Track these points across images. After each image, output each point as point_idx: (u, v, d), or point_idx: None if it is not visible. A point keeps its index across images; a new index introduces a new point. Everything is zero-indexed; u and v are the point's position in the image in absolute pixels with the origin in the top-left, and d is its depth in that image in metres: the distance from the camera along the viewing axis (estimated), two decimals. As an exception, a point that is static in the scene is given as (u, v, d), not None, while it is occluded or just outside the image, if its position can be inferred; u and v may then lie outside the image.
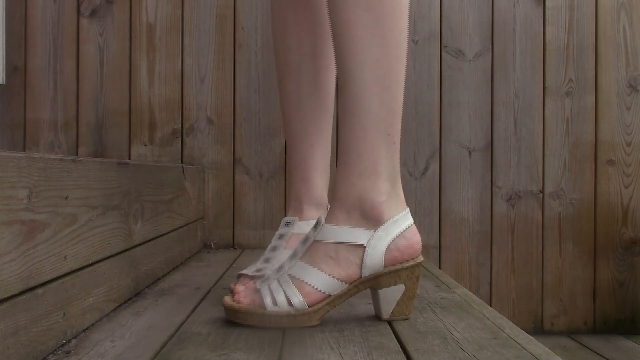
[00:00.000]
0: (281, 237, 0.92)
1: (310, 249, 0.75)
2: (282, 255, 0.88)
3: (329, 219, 0.76)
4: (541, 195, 1.56)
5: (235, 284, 0.88)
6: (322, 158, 0.96)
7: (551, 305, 1.56)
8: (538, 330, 1.55)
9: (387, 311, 0.77)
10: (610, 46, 1.57)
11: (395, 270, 0.75)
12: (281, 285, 0.74)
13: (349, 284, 0.74)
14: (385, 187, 0.76)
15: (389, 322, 0.76)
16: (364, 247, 0.74)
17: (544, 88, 1.57)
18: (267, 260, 0.89)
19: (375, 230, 0.75)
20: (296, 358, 0.62)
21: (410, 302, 0.77)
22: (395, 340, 0.68)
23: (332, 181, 0.86)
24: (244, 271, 0.89)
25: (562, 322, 1.56)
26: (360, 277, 0.74)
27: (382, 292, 0.76)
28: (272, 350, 0.65)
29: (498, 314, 0.81)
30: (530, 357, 0.62)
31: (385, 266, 0.75)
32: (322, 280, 0.73)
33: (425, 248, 1.56)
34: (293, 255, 0.76)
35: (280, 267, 0.76)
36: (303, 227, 0.91)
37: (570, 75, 1.57)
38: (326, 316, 0.78)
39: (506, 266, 1.56)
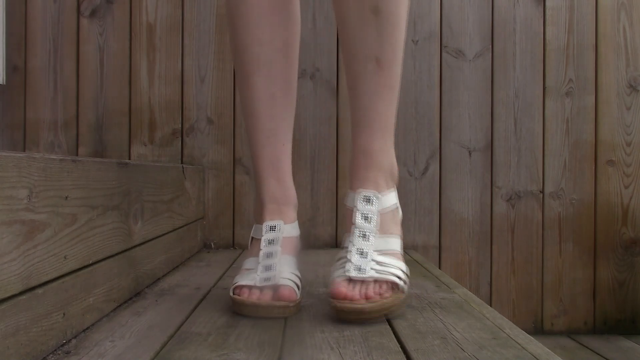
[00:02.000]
0: (272, 242, 0.85)
1: (380, 222, 0.80)
2: (283, 261, 0.83)
3: (379, 189, 0.82)
4: (541, 195, 1.56)
5: (235, 293, 0.82)
6: (289, 157, 0.94)
7: (551, 305, 1.56)
8: (538, 330, 1.55)
9: None
10: (610, 46, 1.57)
11: None
12: (386, 264, 0.77)
13: None
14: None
15: (389, 322, 0.76)
16: (397, 205, 0.85)
17: (544, 88, 1.57)
18: (268, 268, 0.82)
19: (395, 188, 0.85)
20: (296, 358, 0.62)
21: None
22: (395, 340, 0.68)
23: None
24: (244, 282, 0.82)
25: (562, 322, 1.56)
26: None
27: None
28: (272, 350, 0.65)
29: (498, 314, 0.81)
30: (530, 357, 0.62)
31: None
32: (398, 243, 0.82)
33: (425, 248, 1.56)
34: (363, 236, 0.79)
35: (361, 251, 0.78)
36: (290, 230, 0.88)
37: (570, 75, 1.57)
38: (326, 316, 0.78)
39: (506, 266, 1.56)
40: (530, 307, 1.56)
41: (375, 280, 0.76)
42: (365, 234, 0.79)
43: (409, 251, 1.50)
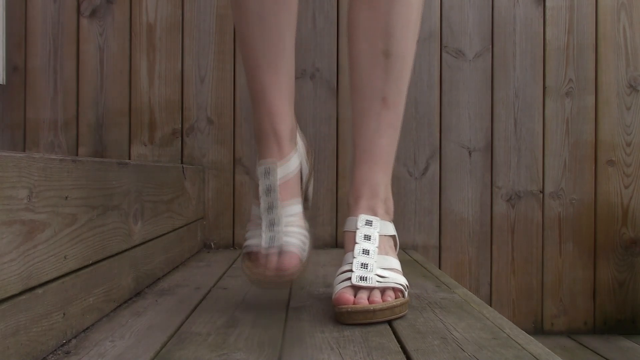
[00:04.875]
0: (269, 191, 0.81)
1: (379, 243, 0.82)
2: (285, 211, 0.81)
3: (379, 216, 0.85)
4: (541, 195, 1.56)
5: (247, 264, 0.81)
6: (287, 82, 0.87)
7: (551, 305, 1.56)
8: (538, 330, 1.55)
9: None
10: (610, 46, 1.57)
11: None
12: (386, 277, 0.79)
13: None
14: None
15: (389, 322, 0.76)
16: (395, 237, 0.87)
17: (544, 88, 1.57)
18: (272, 225, 0.80)
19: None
20: (296, 358, 0.62)
21: None
22: (395, 340, 0.68)
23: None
24: (253, 248, 0.81)
25: (562, 322, 1.56)
26: None
27: None
28: (272, 350, 0.65)
29: (498, 314, 0.81)
30: (530, 357, 0.62)
31: None
32: (399, 264, 0.84)
33: (425, 248, 1.56)
34: (366, 252, 0.81)
35: (365, 265, 0.80)
36: (285, 170, 0.83)
37: (570, 75, 1.57)
38: (326, 316, 0.78)
39: (506, 266, 1.56)
40: (530, 307, 1.56)
41: (379, 289, 0.78)
42: (367, 251, 0.81)
43: (409, 251, 1.50)
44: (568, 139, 1.57)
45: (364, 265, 0.79)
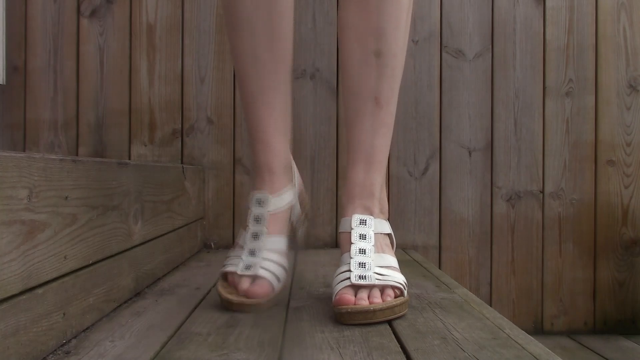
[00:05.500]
0: (258, 220, 0.85)
1: (375, 241, 0.82)
2: (268, 244, 0.84)
3: (373, 213, 0.85)
4: (541, 195, 1.56)
5: (222, 284, 0.84)
6: (282, 118, 0.90)
7: (551, 305, 1.56)
8: (538, 330, 1.55)
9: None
10: (610, 46, 1.57)
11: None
12: (386, 275, 0.78)
13: None
14: None
15: (389, 322, 0.76)
16: (391, 235, 0.87)
17: (544, 88, 1.57)
18: (252, 253, 0.83)
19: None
20: (296, 358, 0.62)
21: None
22: (395, 340, 0.68)
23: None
24: (230, 268, 0.84)
25: (562, 322, 1.56)
26: None
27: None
28: (272, 350, 0.65)
29: (498, 314, 0.81)
30: (530, 357, 0.62)
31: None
32: (396, 262, 0.83)
33: (425, 248, 1.56)
34: (362, 251, 0.80)
35: (363, 264, 0.79)
36: (276, 203, 0.87)
37: (570, 75, 1.57)
38: (326, 316, 0.78)
39: (506, 266, 1.56)
40: (530, 307, 1.56)
41: (379, 287, 0.77)
42: (364, 250, 0.80)
43: (409, 251, 1.50)
44: (568, 139, 1.57)
45: (362, 264, 0.78)
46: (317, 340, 0.69)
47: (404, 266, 0.86)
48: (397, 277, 0.80)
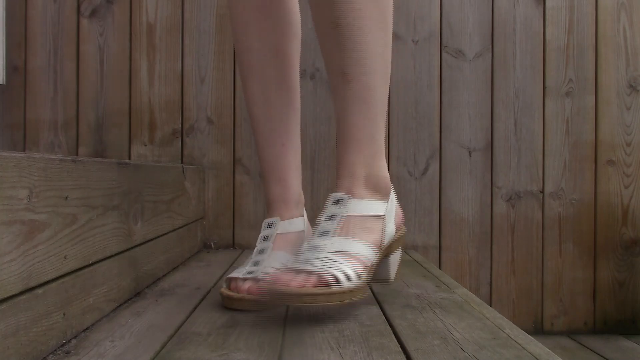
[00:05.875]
0: (266, 238, 0.89)
1: (343, 224, 0.78)
2: (272, 257, 0.86)
3: (354, 195, 0.81)
4: (541, 195, 1.56)
5: (226, 288, 0.87)
6: (294, 156, 0.95)
7: (551, 305, 1.56)
8: (538, 330, 1.55)
9: (394, 273, 0.86)
10: (610, 46, 1.57)
11: (399, 236, 0.86)
12: (333, 262, 0.73)
13: (379, 251, 0.80)
14: (385, 162, 0.86)
15: (389, 322, 0.76)
16: (383, 217, 0.81)
17: (544, 88, 1.57)
18: (256, 263, 0.87)
19: (387, 201, 0.83)
20: (296, 358, 0.62)
21: (400, 264, 0.88)
22: (395, 340, 0.68)
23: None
24: (233, 274, 0.87)
25: (562, 322, 1.56)
26: (382, 244, 0.81)
27: (392, 257, 0.85)
28: (272, 350, 0.65)
29: (498, 314, 0.81)
30: (530, 357, 0.62)
31: (395, 233, 0.84)
32: (364, 249, 0.77)
33: (425, 248, 1.56)
34: (323, 233, 0.77)
35: (316, 247, 0.75)
36: (286, 226, 0.91)
37: (570, 75, 1.57)
38: (326, 316, 0.78)
39: (506, 266, 1.56)
40: (530, 307, 1.56)
41: (316, 274, 0.72)
42: (325, 232, 0.77)
43: (409, 251, 1.50)
44: (568, 139, 1.57)
45: (315, 247, 0.75)
46: (317, 340, 0.69)
47: (404, 266, 0.87)
48: (340, 267, 0.73)
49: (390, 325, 0.75)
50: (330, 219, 0.78)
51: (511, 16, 1.57)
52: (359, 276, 0.74)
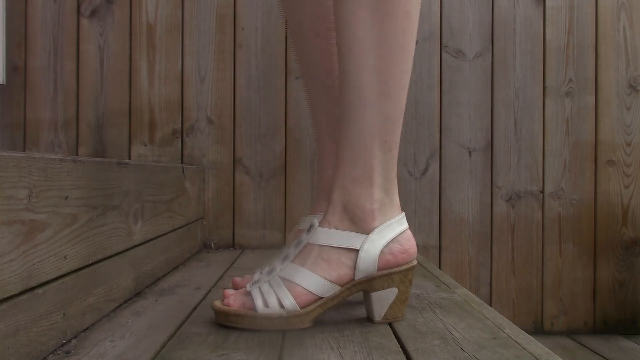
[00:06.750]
0: (297, 245, 0.78)
1: (303, 251, 0.74)
2: (287, 269, 0.81)
3: (323, 222, 0.75)
4: (541, 195, 1.56)
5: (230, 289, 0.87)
6: (332, 150, 0.95)
7: (551, 305, 1.56)
8: (538, 330, 1.55)
9: (379, 314, 0.76)
10: (610, 46, 1.57)
11: (388, 274, 0.75)
12: (272, 287, 0.73)
13: (341, 286, 0.74)
14: (379, 194, 0.75)
15: (389, 322, 0.76)
16: (357, 250, 0.73)
17: (544, 88, 1.57)
18: (270, 272, 0.80)
19: (367, 234, 0.74)
20: (296, 358, 0.62)
21: (402, 305, 0.77)
22: (395, 340, 0.68)
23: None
24: (240, 277, 0.87)
25: (562, 322, 1.56)
26: (353, 279, 0.74)
27: (375, 295, 0.76)
28: (272, 350, 0.65)
29: (498, 314, 0.81)
30: (530, 357, 0.62)
31: (378, 269, 0.74)
32: (313, 281, 0.72)
33: (425, 248, 1.56)
34: (284, 258, 0.76)
35: (272, 269, 0.75)
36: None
37: (570, 75, 1.57)
38: (326, 316, 0.78)
39: (506, 266, 1.56)
40: (530, 307, 1.56)
41: (253, 297, 0.73)
42: (286, 257, 0.76)
43: (409, 251, 1.50)
44: (568, 139, 1.57)
45: (271, 270, 0.75)
46: (317, 340, 0.69)
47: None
48: (280, 294, 0.72)
49: (390, 325, 0.75)
50: (296, 245, 0.76)
51: (511, 16, 1.57)
52: (298, 306, 0.72)
